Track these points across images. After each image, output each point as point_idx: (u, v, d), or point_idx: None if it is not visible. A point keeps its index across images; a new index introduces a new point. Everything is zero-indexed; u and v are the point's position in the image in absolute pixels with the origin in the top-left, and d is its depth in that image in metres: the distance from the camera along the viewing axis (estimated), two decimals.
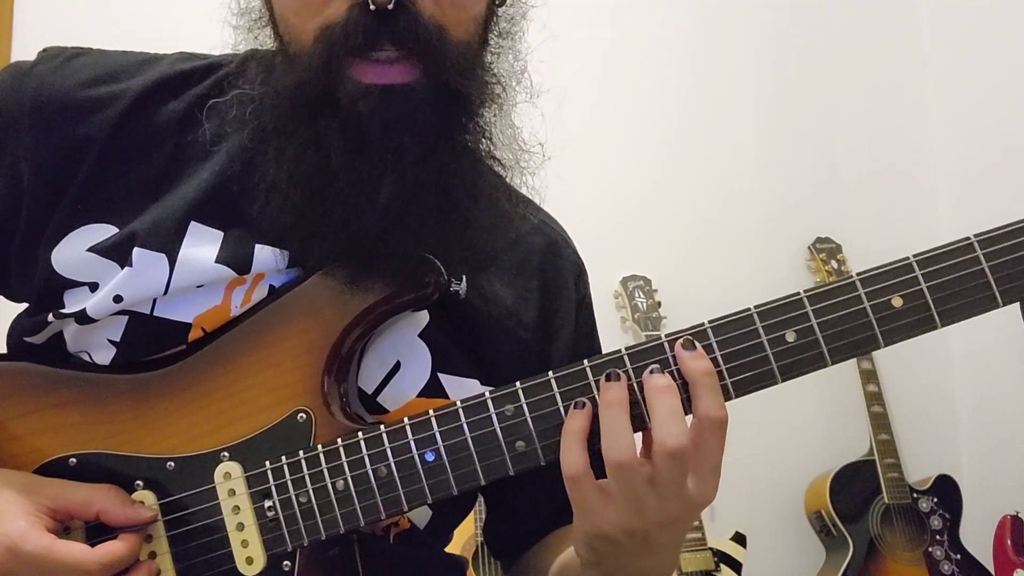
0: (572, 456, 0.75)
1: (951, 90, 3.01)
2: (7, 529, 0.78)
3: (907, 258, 0.77)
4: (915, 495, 2.54)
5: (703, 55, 2.96)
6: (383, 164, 0.80)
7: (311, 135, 0.81)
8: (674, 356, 0.77)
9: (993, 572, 2.45)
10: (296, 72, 0.81)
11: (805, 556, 2.64)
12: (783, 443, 2.75)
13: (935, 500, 2.54)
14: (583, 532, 0.78)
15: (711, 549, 2.39)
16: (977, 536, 2.53)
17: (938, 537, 2.50)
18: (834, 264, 2.75)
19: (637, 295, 2.59)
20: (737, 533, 2.48)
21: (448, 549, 1.05)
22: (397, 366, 0.92)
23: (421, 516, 0.97)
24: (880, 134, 3.02)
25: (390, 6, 0.76)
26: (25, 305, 0.97)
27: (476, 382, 0.94)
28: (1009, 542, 2.43)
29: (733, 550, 2.44)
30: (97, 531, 0.83)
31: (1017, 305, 0.78)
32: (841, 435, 2.72)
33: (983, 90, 2.89)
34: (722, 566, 2.40)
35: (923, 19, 3.10)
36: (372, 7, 0.75)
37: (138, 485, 0.85)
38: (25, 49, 2.47)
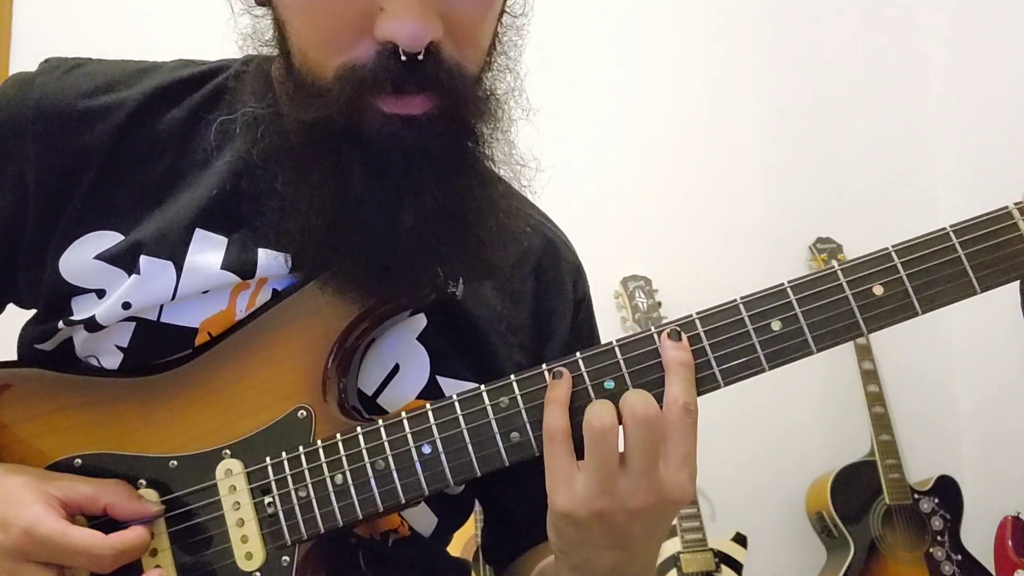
0: (554, 419, 0.77)
1: (953, 90, 3.02)
2: (23, 513, 0.80)
3: (886, 248, 0.79)
4: (916, 496, 2.54)
5: (703, 55, 2.97)
6: (404, 194, 0.81)
7: (332, 164, 0.82)
8: (661, 346, 0.79)
9: (994, 573, 2.46)
10: (317, 107, 0.80)
11: (806, 557, 2.65)
12: (784, 444, 2.76)
13: (936, 501, 2.55)
14: (552, 508, 0.78)
15: (712, 550, 2.40)
16: (978, 537, 2.54)
17: (939, 538, 2.50)
18: (835, 264, 2.75)
19: (637, 295, 2.60)
20: (738, 534, 2.48)
21: (447, 550, 1.06)
22: (396, 369, 0.94)
23: (426, 524, 0.98)
24: (881, 134, 3.03)
25: (420, 57, 0.76)
26: (30, 313, 0.99)
27: (474, 385, 0.95)
28: (1010, 543, 2.44)
29: (734, 551, 2.45)
30: (101, 529, 0.84)
31: (1018, 306, 0.80)
32: (842, 436, 2.73)
33: (985, 91, 2.90)
34: (723, 567, 2.40)
35: (924, 20, 3.11)
36: (403, 57, 0.76)
37: (141, 484, 0.87)
38: (24, 50, 2.50)
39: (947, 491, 2.57)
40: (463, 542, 2.24)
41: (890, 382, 2.67)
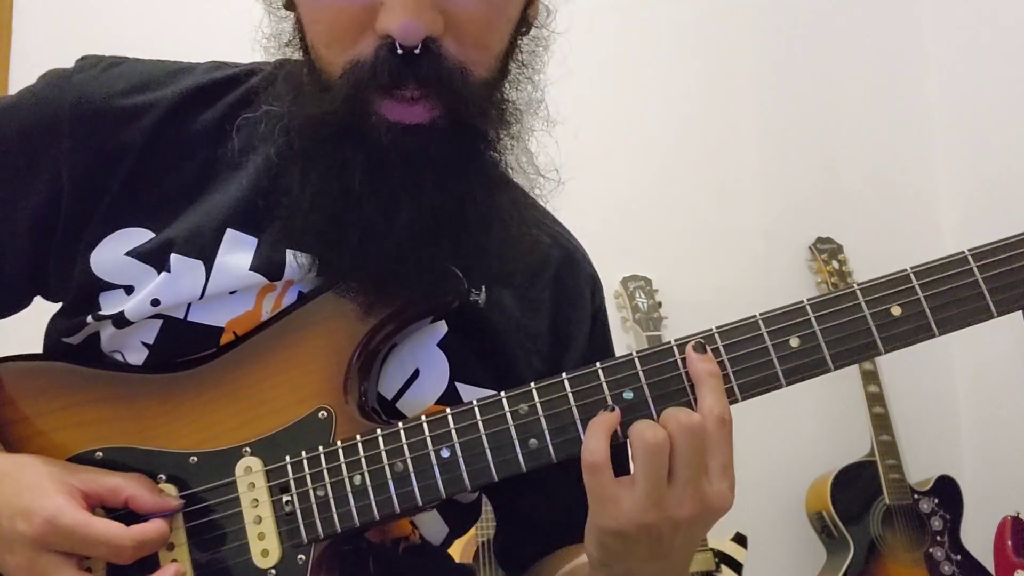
0: (595, 443, 0.78)
1: (953, 90, 3.02)
2: (45, 503, 0.81)
3: (904, 270, 0.80)
4: (916, 496, 2.55)
5: (704, 55, 2.97)
6: (402, 191, 0.83)
7: (335, 161, 0.83)
8: (683, 359, 0.80)
9: (994, 573, 2.46)
10: (323, 103, 0.83)
11: (806, 557, 2.65)
12: (784, 444, 2.76)
13: (936, 501, 2.55)
14: (597, 527, 0.79)
15: (712, 550, 2.41)
16: (978, 537, 2.54)
17: (939, 538, 2.51)
18: (835, 264, 2.76)
19: (638, 295, 2.60)
20: (738, 534, 2.48)
21: (448, 551, 1.08)
22: (416, 374, 0.95)
23: (437, 532, 1.00)
24: (881, 134, 3.03)
25: (417, 50, 0.78)
26: (56, 306, 1.00)
27: (493, 392, 0.96)
28: (1010, 543, 2.44)
29: (734, 551, 2.45)
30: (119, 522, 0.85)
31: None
32: (842, 436, 2.73)
33: (985, 91, 2.90)
34: (723, 567, 2.41)
35: (924, 20, 3.11)
36: (400, 51, 0.77)
37: (161, 479, 0.88)
38: (25, 50, 2.49)
39: (947, 491, 2.58)
40: (463, 543, 2.25)
41: (890, 382, 2.67)
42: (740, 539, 2.48)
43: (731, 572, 2.41)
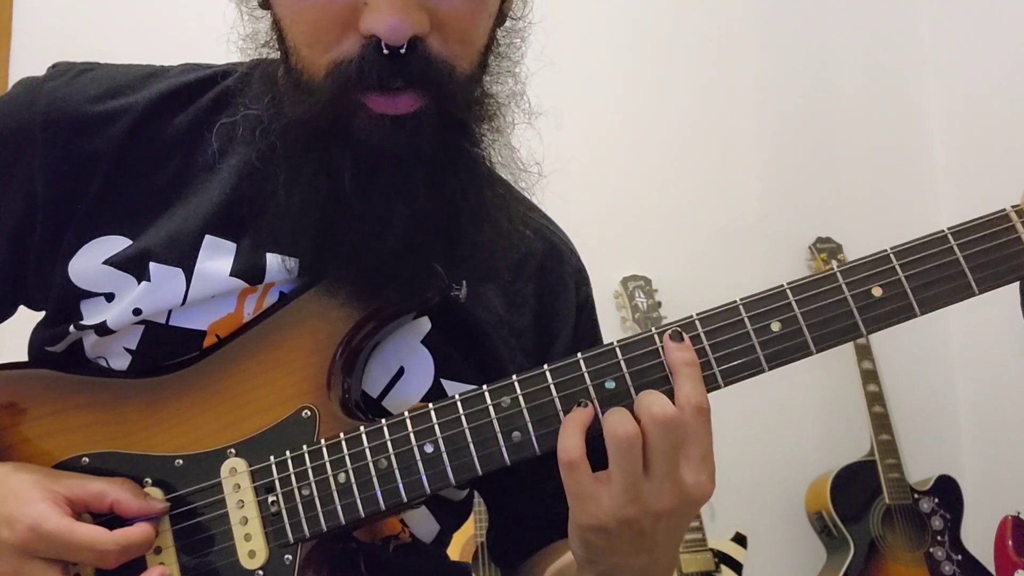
0: (569, 440, 0.77)
1: (952, 89, 3.02)
2: (29, 510, 0.81)
3: (884, 250, 0.80)
4: (916, 495, 2.55)
5: (702, 55, 2.98)
6: (394, 194, 0.82)
7: (323, 163, 0.83)
8: (663, 347, 0.80)
9: (994, 573, 2.46)
10: (307, 104, 0.82)
11: (806, 557, 2.65)
12: (784, 444, 2.76)
13: (936, 500, 2.55)
14: (577, 525, 0.79)
15: (711, 550, 2.40)
16: (978, 537, 2.54)
17: (939, 538, 2.51)
18: (835, 264, 2.75)
19: (637, 295, 2.60)
20: (738, 534, 2.48)
21: (447, 551, 1.08)
22: (400, 371, 0.95)
23: (427, 530, 0.99)
24: (881, 134, 3.03)
25: (403, 50, 0.77)
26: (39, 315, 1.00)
27: (476, 387, 0.96)
28: (1010, 543, 2.44)
29: (734, 551, 2.45)
30: (106, 527, 0.85)
31: (1018, 306, 0.81)
32: (842, 435, 2.73)
33: (984, 89, 2.90)
34: (722, 567, 2.41)
35: (923, 18, 3.12)
36: (386, 50, 0.77)
37: (147, 483, 0.87)
38: (25, 50, 2.50)
39: (947, 491, 2.58)
40: (462, 543, 2.24)
41: (890, 381, 2.67)
42: (740, 539, 2.48)
43: (731, 572, 2.41)
